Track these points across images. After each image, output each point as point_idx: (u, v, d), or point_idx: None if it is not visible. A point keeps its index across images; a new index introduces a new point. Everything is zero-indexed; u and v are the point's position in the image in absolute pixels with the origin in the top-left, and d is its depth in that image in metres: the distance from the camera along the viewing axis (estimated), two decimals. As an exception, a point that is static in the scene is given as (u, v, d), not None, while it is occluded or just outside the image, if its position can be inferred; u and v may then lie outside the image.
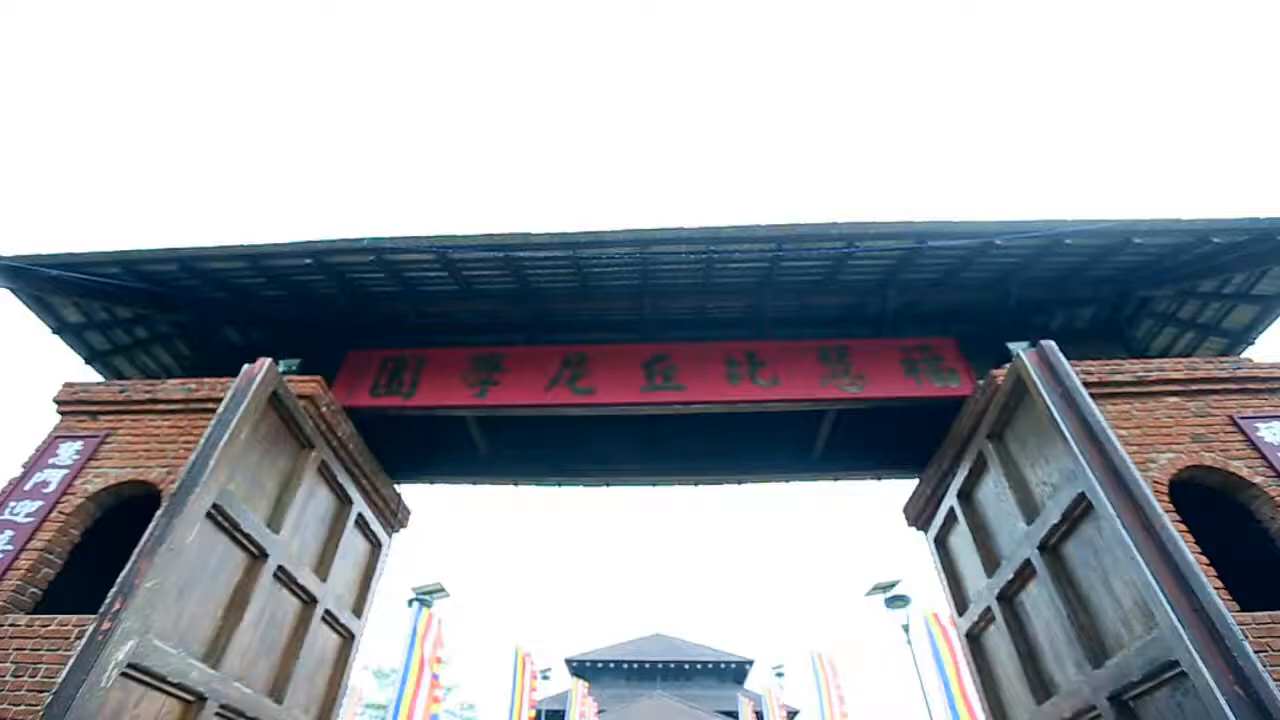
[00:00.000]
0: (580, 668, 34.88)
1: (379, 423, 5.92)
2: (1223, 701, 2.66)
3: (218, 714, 3.83)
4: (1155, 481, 4.33)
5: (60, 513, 4.73)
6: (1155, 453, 4.67)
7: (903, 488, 6.52)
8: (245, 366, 4.24)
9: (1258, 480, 4.53)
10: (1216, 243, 4.86)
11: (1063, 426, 3.55)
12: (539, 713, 18.83)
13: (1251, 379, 4.70)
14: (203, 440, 3.82)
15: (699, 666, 38.06)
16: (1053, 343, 3.96)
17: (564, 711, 21.72)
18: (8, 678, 4.06)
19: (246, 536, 4.08)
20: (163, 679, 3.40)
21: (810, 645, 17.73)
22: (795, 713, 29.62)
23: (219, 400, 4.18)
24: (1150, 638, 3.10)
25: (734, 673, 37.43)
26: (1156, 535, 3.12)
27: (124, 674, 3.12)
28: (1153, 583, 2.97)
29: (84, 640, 3.04)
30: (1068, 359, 4.00)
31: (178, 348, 6.65)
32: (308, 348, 5.68)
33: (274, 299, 5.91)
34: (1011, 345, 4.68)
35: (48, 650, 4.17)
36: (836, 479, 6.60)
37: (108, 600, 3.16)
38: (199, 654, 3.74)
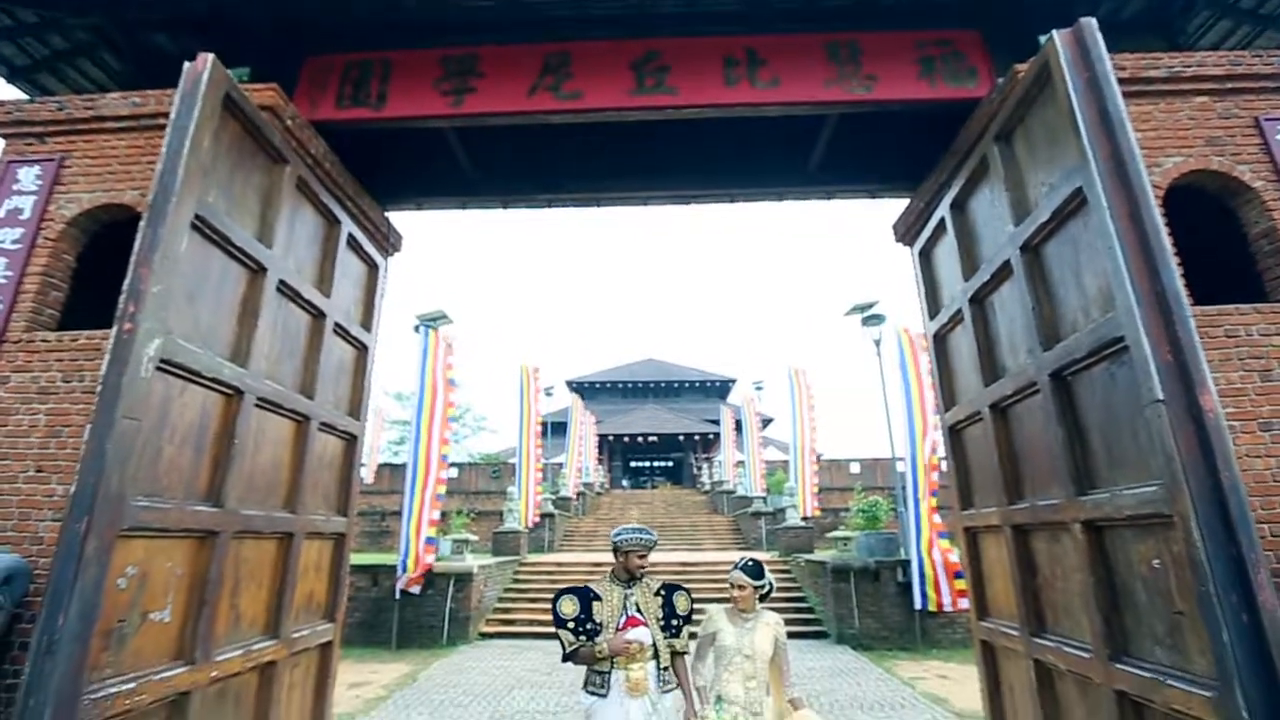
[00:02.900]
0: (579, 387, 38.88)
1: (354, 142, 5.57)
2: (1153, 367, 2.99)
3: (257, 405, 4.29)
4: (1156, 185, 4.30)
5: (46, 239, 4.72)
6: (1164, 156, 4.56)
7: (889, 215, 6.47)
8: (186, 65, 3.79)
9: (1257, 185, 4.51)
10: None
11: (1078, 115, 3.35)
12: (545, 424, 21.45)
13: (1296, 74, 4.35)
14: (164, 149, 3.60)
15: (686, 385, 42.57)
16: (1093, 20, 3.53)
17: (566, 424, 24.79)
18: (59, 384, 4.46)
19: (240, 250, 4.10)
20: (197, 374, 3.72)
21: (788, 362, 19.53)
22: (770, 420, 34.00)
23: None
24: (1104, 319, 3.35)
25: (718, 389, 42.02)
26: (1142, 227, 3.17)
27: (159, 368, 3.39)
28: (1123, 269, 3.10)
29: (112, 341, 3.23)
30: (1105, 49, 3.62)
31: (105, 60, 5.95)
32: (256, 56, 5.04)
33: (202, -11, 5.06)
34: (1044, 37, 4.21)
35: (85, 359, 4.52)
36: (830, 196, 6.50)
37: (120, 305, 3.29)
38: (225, 356, 4.04)
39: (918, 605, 9.76)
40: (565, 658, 3.20)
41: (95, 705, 2.97)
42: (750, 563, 3.34)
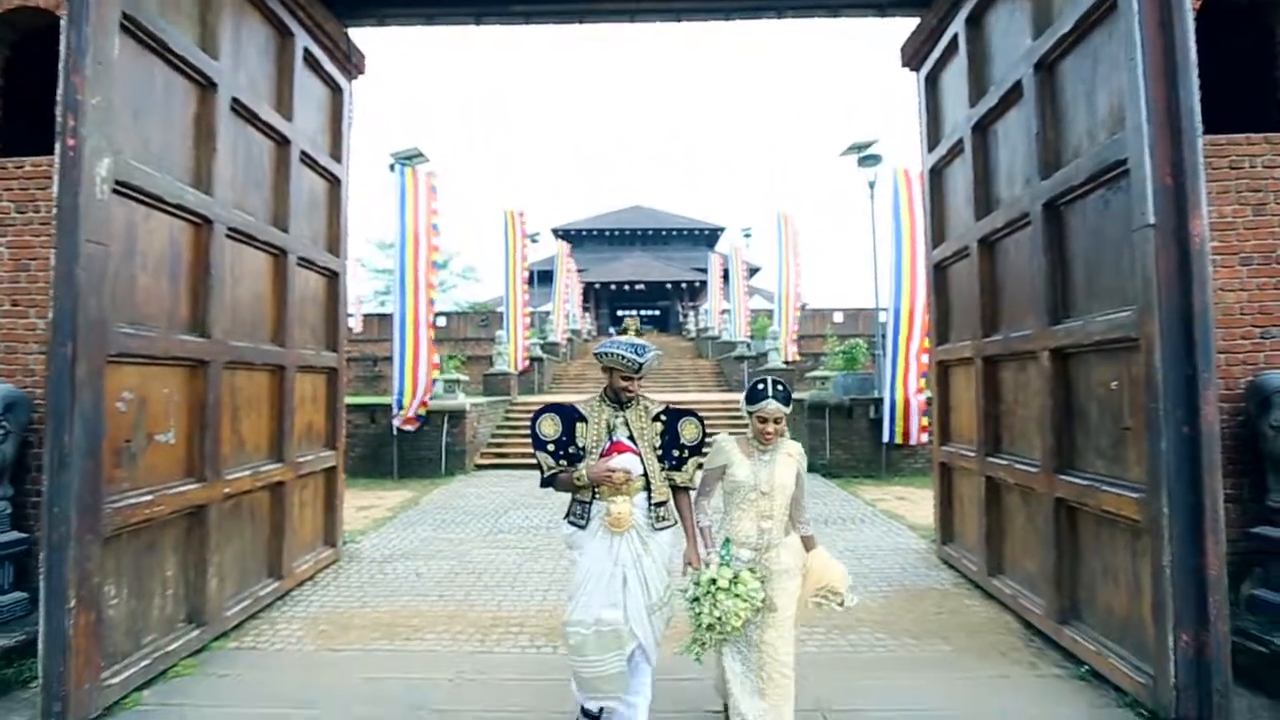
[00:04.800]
0: (566, 235, 38.02)
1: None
2: (1150, 190, 2.92)
3: (229, 236, 4.14)
4: (1194, -8, 3.91)
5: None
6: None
7: (891, 49, 5.89)
8: None
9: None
10: None
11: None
12: (531, 273, 21.22)
13: None
14: (72, -71, 3.09)
15: (674, 233, 41.76)
16: None
17: (552, 272, 24.53)
18: (13, 215, 4.24)
19: (182, 60, 3.71)
20: (159, 199, 3.53)
21: (778, 208, 19.03)
22: (757, 269, 33.89)
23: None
24: (1109, 142, 3.22)
25: (706, 238, 41.34)
26: (1170, 35, 2.92)
27: (116, 190, 3.21)
28: (1141, 82, 2.92)
29: (57, 159, 3.01)
30: None
31: None
32: None
33: None
34: None
35: (36, 188, 4.27)
36: (834, 14, 5.89)
37: (59, 120, 3.02)
38: (186, 182, 3.82)
39: (886, 439, 10.48)
40: (543, 482, 2.81)
41: (118, 513, 3.19)
42: (781, 386, 2.66)
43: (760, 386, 2.67)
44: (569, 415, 2.81)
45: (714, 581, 2.51)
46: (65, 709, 2.86)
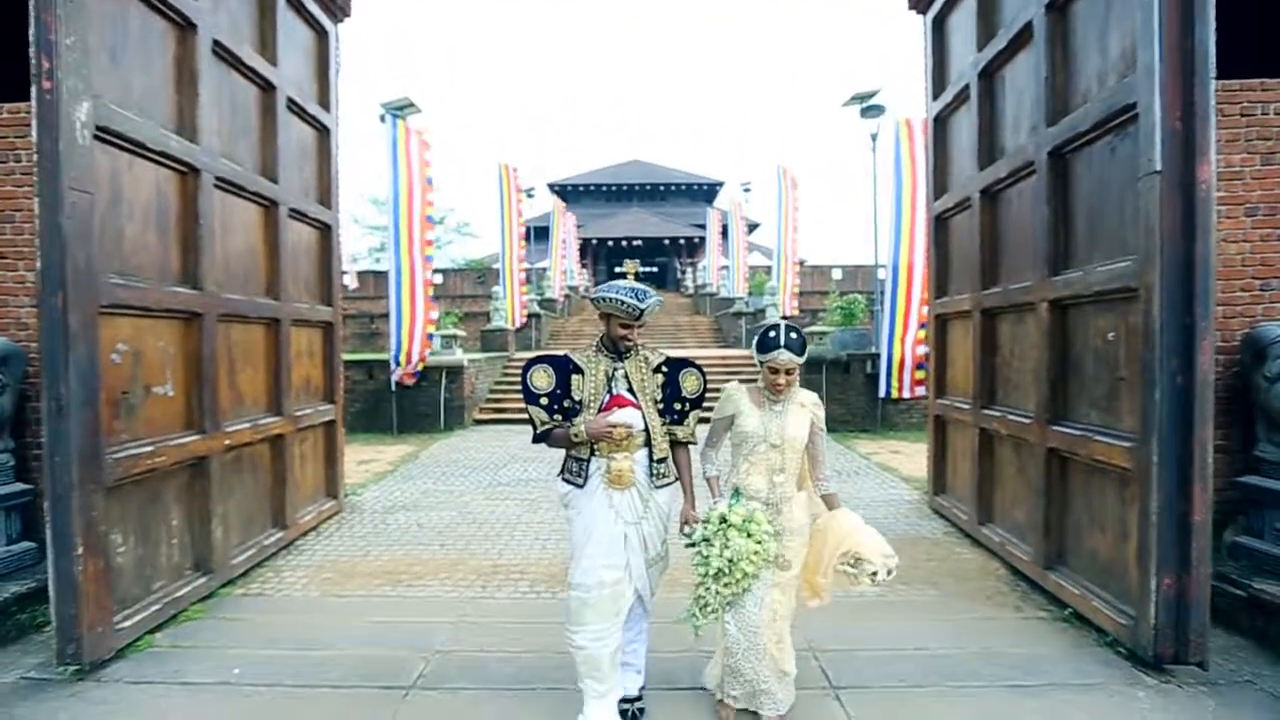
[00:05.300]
0: (562, 190, 37.38)
1: None
2: (1158, 135, 2.86)
3: (217, 186, 4.05)
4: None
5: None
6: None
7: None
8: None
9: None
10: None
11: None
12: (527, 229, 20.92)
13: None
14: None
15: (672, 187, 41.05)
16: None
17: (548, 228, 24.19)
18: (-8, 163, 4.14)
19: (159, -2, 3.56)
20: (142, 146, 3.43)
21: (778, 162, 18.68)
22: (756, 225, 33.46)
23: None
24: (1120, 85, 3.13)
25: (705, 193, 40.65)
26: (1188, -32, 2.80)
27: (98, 137, 3.12)
28: (1155, 20, 2.81)
29: (34, 103, 2.91)
30: None
31: None
32: None
33: None
34: None
35: (15, 136, 4.16)
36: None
37: (33, 62, 2.91)
38: (170, 129, 3.71)
39: (882, 394, 10.55)
40: (536, 438, 2.63)
41: (119, 464, 3.22)
42: (795, 334, 2.43)
43: (772, 334, 2.43)
44: (563, 366, 2.61)
45: (724, 519, 2.36)
46: (80, 650, 2.95)
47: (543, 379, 2.59)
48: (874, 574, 2.40)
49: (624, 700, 2.61)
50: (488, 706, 2.79)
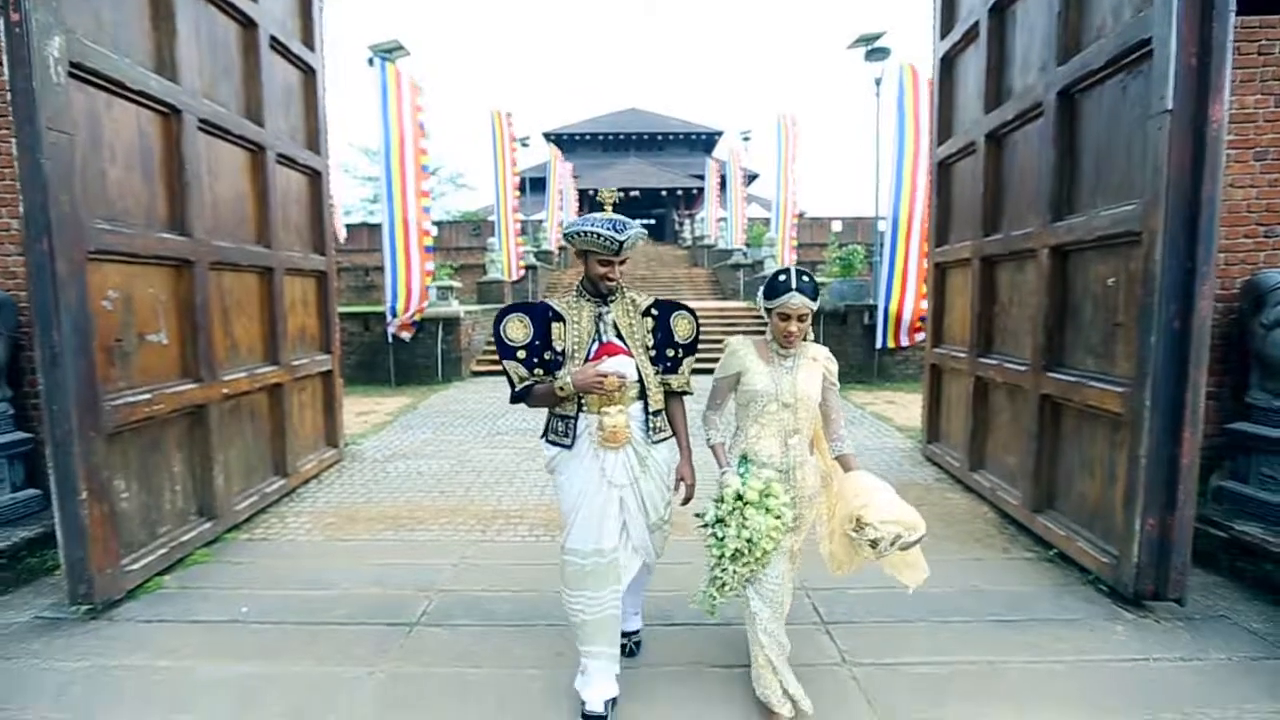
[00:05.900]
0: (558, 140, 36.45)
1: None
2: (1172, 72, 2.77)
3: (201, 128, 3.93)
4: None
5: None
6: None
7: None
8: None
9: None
10: None
11: None
12: (522, 180, 20.48)
13: None
14: None
15: (670, 137, 40.05)
16: None
17: (545, 179, 23.69)
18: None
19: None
20: (120, 84, 3.31)
21: (779, 110, 18.16)
22: (755, 176, 32.80)
23: None
24: (1135, 19, 3.01)
25: (704, 142, 39.70)
26: (1211, -108, 2.66)
27: (73, 75, 3.00)
28: (1175, -52, 2.68)
29: (3, 37, 2.79)
30: None
31: None
32: None
33: None
34: None
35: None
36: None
37: (-2, -7, 2.77)
38: (149, 67, 3.57)
39: (879, 345, 10.56)
40: (514, 398, 2.33)
41: (117, 411, 3.23)
42: (806, 277, 2.20)
43: (783, 278, 2.19)
44: (540, 314, 2.34)
45: (740, 497, 2.14)
46: (91, 590, 3.02)
47: (518, 330, 2.31)
48: (874, 542, 2.15)
49: (622, 634, 2.65)
50: (489, 641, 2.89)
